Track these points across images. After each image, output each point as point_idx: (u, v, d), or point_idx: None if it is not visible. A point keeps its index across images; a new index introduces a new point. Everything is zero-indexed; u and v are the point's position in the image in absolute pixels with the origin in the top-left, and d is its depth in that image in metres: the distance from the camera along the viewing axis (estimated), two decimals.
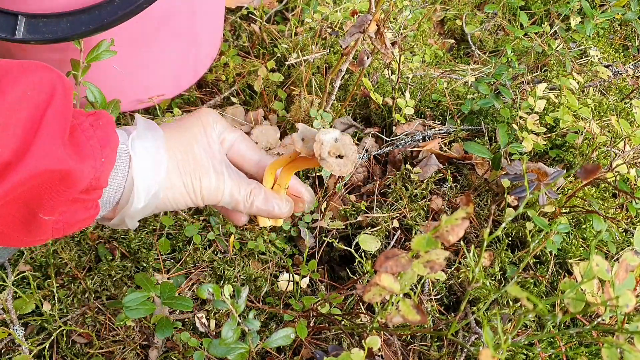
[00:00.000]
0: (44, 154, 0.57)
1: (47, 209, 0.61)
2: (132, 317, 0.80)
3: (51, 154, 0.57)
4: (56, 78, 0.61)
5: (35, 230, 0.62)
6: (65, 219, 0.63)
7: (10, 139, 0.55)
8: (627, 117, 1.28)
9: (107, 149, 0.63)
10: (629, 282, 0.50)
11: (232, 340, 0.70)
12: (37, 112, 0.58)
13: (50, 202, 0.60)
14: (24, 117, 0.57)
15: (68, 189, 0.60)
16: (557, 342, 0.93)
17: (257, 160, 0.80)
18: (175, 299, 0.82)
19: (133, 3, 0.95)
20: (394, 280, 0.50)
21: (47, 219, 0.61)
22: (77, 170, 0.59)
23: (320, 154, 0.68)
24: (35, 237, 0.63)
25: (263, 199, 0.76)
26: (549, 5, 1.66)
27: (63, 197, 0.60)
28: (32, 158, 0.56)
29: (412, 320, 0.49)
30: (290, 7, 1.55)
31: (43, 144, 0.57)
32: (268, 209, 0.76)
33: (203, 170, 0.71)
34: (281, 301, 1.02)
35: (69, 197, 0.61)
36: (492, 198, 1.11)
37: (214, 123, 0.75)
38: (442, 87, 1.34)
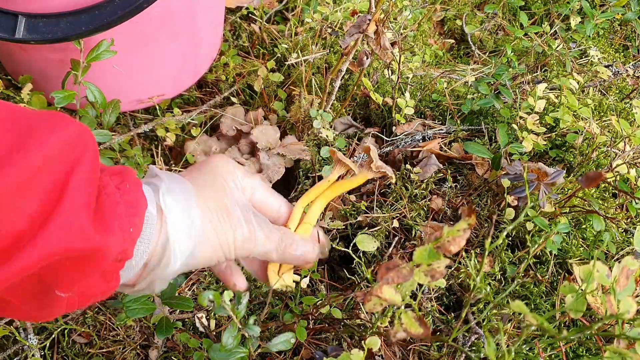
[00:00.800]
0: (67, 228, 0.50)
1: (64, 286, 0.54)
2: (133, 317, 0.80)
3: (74, 229, 0.51)
4: (85, 136, 0.54)
5: (49, 307, 0.56)
6: (81, 293, 0.57)
7: (28, 208, 0.49)
8: (627, 117, 1.28)
9: (136, 218, 0.57)
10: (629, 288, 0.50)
11: (232, 346, 0.70)
12: (62, 177, 0.51)
13: (69, 279, 0.54)
14: (46, 181, 0.50)
15: (91, 266, 0.54)
16: (557, 343, 0.93)
17: (278, 207, 0.75)
18: (176, 298, 0.82)
19: (133, 3, 0.95)
20: (395, 292, 0.50)
21: (64, 295, 0.55)
22: (104, 246, 0.53)
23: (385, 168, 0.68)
24: (47, 313, 0.57)
25: (295, 247, 0.71)
26: (549, 5, 1.66)
27: (84, 274, 0.54)
28: (53, 233, 0.50)
29: (415, 334, 0.49)
30: (290, 7, 1.55)
31: (66, 216, 0.51)
32: (300, 258, 0.71)
33: (235, 221, 0.66)
34: (281, 302, 1.02)
35: (92, 275, 0.55)
36: (492, 198, 1.11)
37: (235, 170, 0.71)
38: (442, 87, 1.34)
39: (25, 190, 0.48)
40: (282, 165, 1.19)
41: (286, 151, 1.19)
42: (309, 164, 1.21)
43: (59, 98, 1.02)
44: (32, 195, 0.49)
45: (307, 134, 1.24)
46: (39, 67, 1.13)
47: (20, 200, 0.48)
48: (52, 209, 0.50)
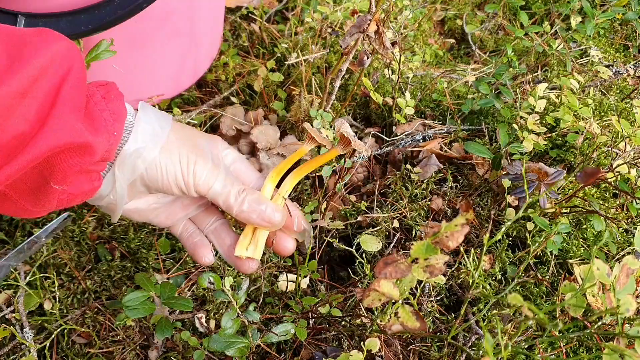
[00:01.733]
0: (63, 126, 0.59)
1: (59, 178, 0.62)
2: (132, 317, 0.80)
3: (69, 127, 0.59)
4: (73, 49, 0.62)
5: (43, 200, 0.64)
6: (70, 189, 0.64)
7: (29, 110, 0.57)
8: (628, 117, 1.28)
9: (118, 123, 0.65)
10: (630, 286, 0.50)
11: (231, 331, 0.69)
12: (55, 84, 0.59)
13: (64, 172, 0.62)
14: (43, 89, 0.58)
15: (84, 160, 0.62)
16: (558, 343, 0.92)
17: (255, 179, 0.79)
18: (175, 299, 0.82)
19: (132, 3, 0.95)
20: (393, 286, 0.50)
21: (58, 188, 0.63)
22: (93, 143, 0.61)
23: (352, 140, 0.69)
24: (40, 206, 0.64)
25: (256, 198, 0.73)
26: (549, 5, 1.66)
27: (77, 168, 0.62)
28: (51, 131, 0.58)
29: (412, 328, 0.49)
30: (290, 6, 1.55)
31: (62, 117, 0.59)
32: (260, 209, 0.72)
33: (201, 154, 0.72)
34: (281, 302, 1.02)
35: (83, 168, 0.63)
36: (492, 198, 1.11)
37: (219, 141, 0.77)
38: (443, 87, 1.34)
39: (25, 96, 0.56)
40: None
41: (286, 151, 1.19)
42: None
43: None
44: (31, 101, 0.57)
45: (307, 134, 1.24)
46: None
47: (21, 105, 0.56)
48: (48, 111, 0.58)
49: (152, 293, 0.82)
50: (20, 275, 0.97)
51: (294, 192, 1.23)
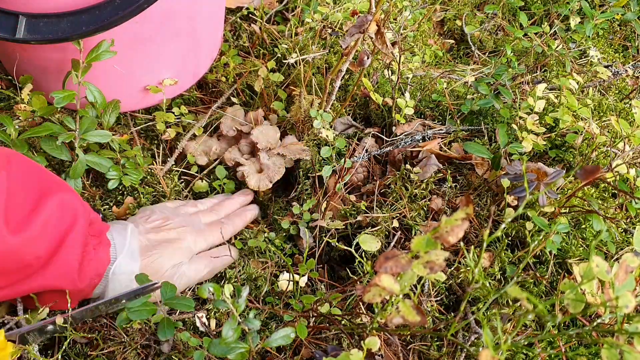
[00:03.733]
0: (61, 272, 0.79)
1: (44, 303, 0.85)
2: (135, 319, 0.81)
3: (66, 274, 0.80)
4: (77, 203, 0.83)
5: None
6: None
7: (37, 252, 0.76)
8: (627, 117, 1.28)
9: (101, 269, 0.87)
10: (629, 283, 0.50)
11: (232, 339, 0.70)
12: (61, 234, 0.79)
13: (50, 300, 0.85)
14: (50, 237, 0.77)
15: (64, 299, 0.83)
16: (557, 342, 0.93)
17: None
18: (177, 299, 0.82)
19: (133, 3, 0.95)
20: (394, 281, 0.50)
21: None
22: (80, 289, 0.84)
23: None
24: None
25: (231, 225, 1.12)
26: (548, 6, 1.67)
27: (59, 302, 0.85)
28: (50, 274, 0.78)
29: (412, 321, 0.49)
30: (290, 7, 1.55)
31: (61, 264, 0.79)
32: (239, 220, 1.14)
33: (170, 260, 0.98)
34: (281, 301, 1.02)
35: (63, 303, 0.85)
36: (491, 198, 1.12)
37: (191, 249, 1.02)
38: (442, 87, 1.34)
39: (35, 241, 0.75)
40: (282, 166, 1.19)
41: (286, 151, 1.20)
42: (309, 164, 1.21)
43: (58, 98, 1.03)
44: (43, 241, 0.76)
45: (307, 134, 1.24)
46: (39, 67, 1.13)
47: (32, 247, 0.75)
48: (50, 257, 0.77)
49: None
50: None
51: (294, 192, 1.24)
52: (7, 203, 0.72)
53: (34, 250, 0.75)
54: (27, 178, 0.78)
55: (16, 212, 0.73)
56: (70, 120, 1.07)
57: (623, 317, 0.53)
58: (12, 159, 0.78)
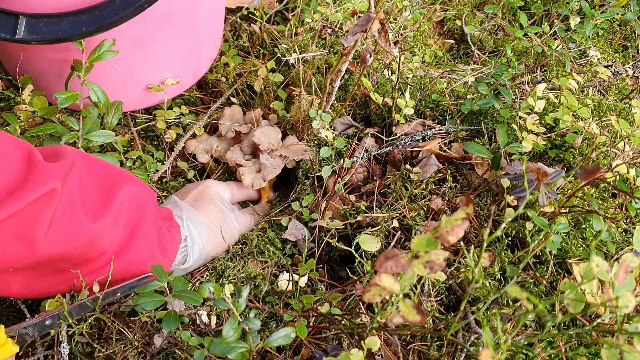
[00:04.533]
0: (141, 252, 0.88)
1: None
2: (146, 308, 0.82)
3: (147, 252, 0.90)
4: (146, 193, 0.92)
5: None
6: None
7: (114, 238, 0.84)
8: (627, 117, 1.28)
9: (176, 248, 0.97)
10: (629, 283, 0.50)
11: (232, 339, 0.70)
12: (134, 221, 0.87)
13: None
14: (123, 222, 0.85)
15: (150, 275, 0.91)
16: (557, 342, 0.93)
17: (248, 194, 1.24)
18: (186, 292, 0.83)
19: (134, 3, 0.95)
20: (394, 280, 0.50)
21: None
22: (163, 264, 0.90)
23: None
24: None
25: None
26: (548, 6, 1.67)
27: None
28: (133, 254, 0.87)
29: (412, 321, 0.49)
30: (290, 7, 1.55)
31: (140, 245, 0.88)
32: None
33: (228, 227, 1.10)
34: (281, 301, 1.02)
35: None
36: (491, 198, 1.12)
37: (218, 190, 1.15)
38: (442, 87, 1.34)
39: (111, 227, 0.83)
40: (278, 167, 1.20)
41: (288, 152, 1.20)
42: (309, 164, 1.21)
43: (62, 98, 1.03)
44: (116, 230, 0.84)
45: (307, 134, 1.24)
46: (39, 67, 1.13)
47: (108, 234, 0.83)
48: (126, 243, 0.86)
49: (164, 283, 0.85)
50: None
51: (294, 192, 1.24)
52: (82, 197, 0.79)
53: (109, 236, 0.83)
54: (95, 170, 0.85)
55: (91, 201, 0.81)
56: (73, 120, 1.07)
57: (623, 317, 0.53)
58: (77, 158, 0.83)
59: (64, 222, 0.76)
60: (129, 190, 0.87)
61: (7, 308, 1.01)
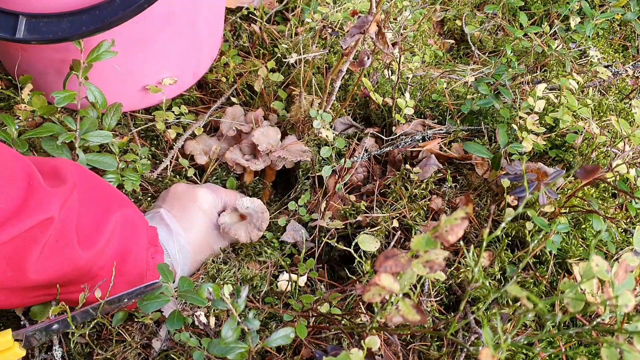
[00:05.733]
0: (129, 282, 0.88)
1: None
2: (148, 311, 0.82)
3: (133, 283, 0.88)
4: (137, 217, 0.91)
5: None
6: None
7: (104, 262, 0.84)
8: (627, 117, 1.28)
9: (157, 276, 0.92)
10: (629, 282, 0.50)
11: (232, 339, 0.70)
12: (124, 248, 0.87)
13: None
14: (115, 247, 0.85)
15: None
16: (557, 342, 0.93)
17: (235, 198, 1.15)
18: (191, 293, 0.83)
19: (133, 3, 0.95)
20: (393, 280, 0.50)
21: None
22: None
23: None
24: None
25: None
26: (548, 6, 1.67)
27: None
28: (120, 282, 0.86)
29: (412, 320, 0.49)
30: (290, 7, 1.55)
31: (129, 273, 0.88)
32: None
33: (214, 245, 1.09)
34: (281, 301, 1.02)
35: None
36: (491, 198, 1.12)
37: (208, 199, 1.08)
38: (442, 87, 1.34)
39: (100, 254, 0.82)
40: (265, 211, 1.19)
41: (287, 153, 1.19)
42: (309, 164, 1.21)
43: (59, 98, 1.03)
44: (107, 256, 0.84)
45: (307, 134, 1.24)
46: (39, 67, 1.13)
47: (98, 260, 0.82)
48: (120, 265, 0.86)
49: (170, 283, 0.85)
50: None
51: (294, 192, 1.24)
52: (77, 224, 0.79)
53: (100, 262, 0.82)
54: (92, 194, 0.85)
55: (85, 228, 0.80)
56: (70, 120, 1.07)
57: (623, 317, 0.53)
58: (76, 181, 0.82)
59: (56, 250, 0.76)
60: (123, 214, 0.87)
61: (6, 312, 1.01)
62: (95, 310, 0.86)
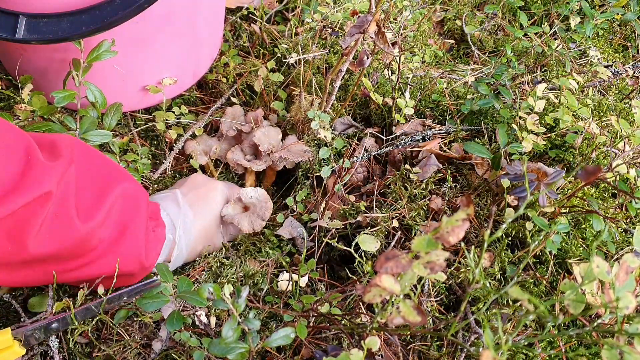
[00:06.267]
0: (129, 252, 0.88)
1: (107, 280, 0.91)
2: (147, 310, 0.82)
3: (134, 254, 0.89)
4: (138, 191, 0.91)
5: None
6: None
7: (105, 235, 0.84)
8: (627, 117, 1.28)
9: (160, 248, 0.96)
10: (629, 283, 0.50)
11: (232, 339, 0.70)
12: (125, 221, 0.87)
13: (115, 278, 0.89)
14: (115, 219, 0.85)
15: (136, 275, 0.94)
16: (557, 343, 0.93)
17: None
18: (191, 293, 0.83)
19: (133, 3, 0.95)
20: (394, 281, 0.50)
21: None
22: (146, 265, 0.92)
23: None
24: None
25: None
26: (548, 6, 1.67)
27: (129, 279, 0.94)
28: (119, 256, 0.86)
29: (412, 321, 0.49)
30: (290, 7, 1.55)
31: (129, 245, 0.87)
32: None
33: (218, 236, 1.10)
34: (281, 301, 1.02)
35: (133, 278, 0.95)
36: (491, 198, 1.12)
37: (221, 196, 1.10)
38: (442, 87, 1.34)
39: (100, 227, 0.82)
40: (269, 200, 1.19)
41: (288, 154, 1.19)
42: (309, 164, 1.21)
43: (59, 98, 1.03)
44: (105, 229, 0.83)
45: (307, 134, 1.24)
46: (39, 67, 1.13)
47: (97, 233, 0.82)
48: (115, 241, 0.85)
49: (170, 283, 0.85)
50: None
51: (293, 192, 1.24)
52: (75, 197, 0.79)
53: (98, 234, 0.82)
54: (91, 168, 0.85)
55: (84, 202, 0.80)
56: (70, 120, 1.07)
57: (623, 318, 0.53)
58: (76, 149, 0.82)
59: (56, 224, 0.76)
60: (123, 188, 0.87)
61: (6, 309, 1.01)
62: (98, 308, 0.86)
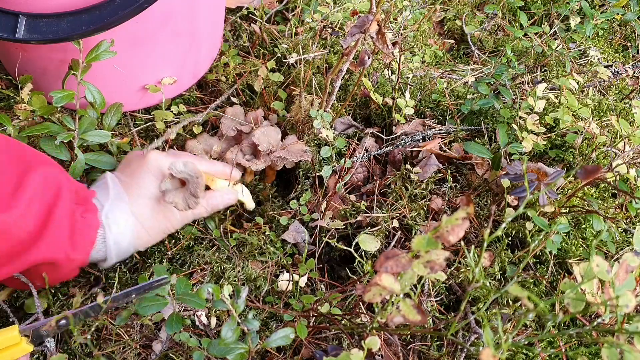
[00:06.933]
0: (53, 244, 0.81)
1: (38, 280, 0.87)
2: (145, 313, 0.82)
3: (58, 245, 0.81)
4: (60, 175, 0.85)
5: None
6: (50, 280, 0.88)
7: (28, 227, 0.78)
8: (627, 117, 1.28)
9: (92, 236, 0.88)
10: (629, 282, 0.50)
11: (231, 340, 0.70)
12: (48, 207, 0.80)
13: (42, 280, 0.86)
14: (36, 211, 0.78)
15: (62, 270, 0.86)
16: (557, 342, 0.93)
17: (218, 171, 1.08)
18: (190, 295, 0.83)
19: (133, 3, 0.95)
20: (394, 280, 0.50)
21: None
22: (74, 258, 0.85)
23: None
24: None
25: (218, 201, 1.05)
26: (548, 6, 1.67)
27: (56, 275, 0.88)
28: (43, 247, 0.79)
29: (413, 320, 0.49)
30: (290, 7, 1.55)
31: (52, 236, 0.80)
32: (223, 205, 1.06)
33: (168, 212, 0.97)
34: (281, 301, 1.02)
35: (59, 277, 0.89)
36: (492, 198, 1.12)
37: (164, 166, 0.97)
38: (442, 87, 1.34)
39: (23, 217, 0.77)
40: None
41: (288, 154, 1.19)
42: (309, 164, 1.21)
43: (57, 97, 1.03)
44: (29, 219, 0.78)
45: (307, 134, 1.24)
46: (39, 67, 1.13)
47: (22, 223, 0.77)
48: (40, 230, 0.79)
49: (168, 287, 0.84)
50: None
51: (294, 192, 1.24)
52: None
53: (24, 225, 0.77)
54: (7, 156, 0.80)
55: (3, 190, 0.76)
56: (69, 119, 1.07)
57: (623, 317, 0.53)
58: None
59: None
60: (43, 174, 0.81)
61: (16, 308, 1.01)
62: (105, 304, 0.86)
